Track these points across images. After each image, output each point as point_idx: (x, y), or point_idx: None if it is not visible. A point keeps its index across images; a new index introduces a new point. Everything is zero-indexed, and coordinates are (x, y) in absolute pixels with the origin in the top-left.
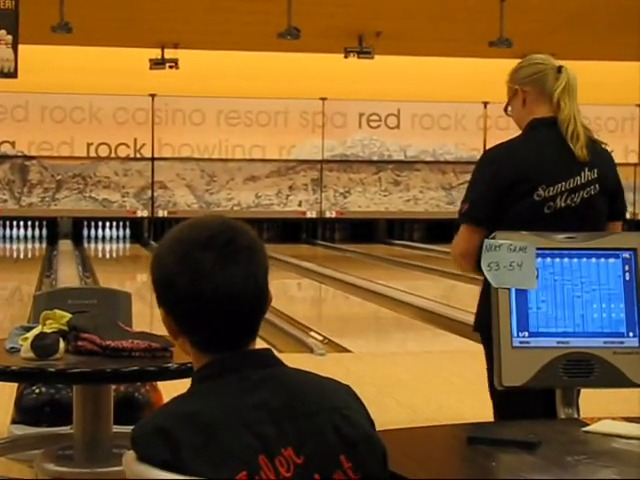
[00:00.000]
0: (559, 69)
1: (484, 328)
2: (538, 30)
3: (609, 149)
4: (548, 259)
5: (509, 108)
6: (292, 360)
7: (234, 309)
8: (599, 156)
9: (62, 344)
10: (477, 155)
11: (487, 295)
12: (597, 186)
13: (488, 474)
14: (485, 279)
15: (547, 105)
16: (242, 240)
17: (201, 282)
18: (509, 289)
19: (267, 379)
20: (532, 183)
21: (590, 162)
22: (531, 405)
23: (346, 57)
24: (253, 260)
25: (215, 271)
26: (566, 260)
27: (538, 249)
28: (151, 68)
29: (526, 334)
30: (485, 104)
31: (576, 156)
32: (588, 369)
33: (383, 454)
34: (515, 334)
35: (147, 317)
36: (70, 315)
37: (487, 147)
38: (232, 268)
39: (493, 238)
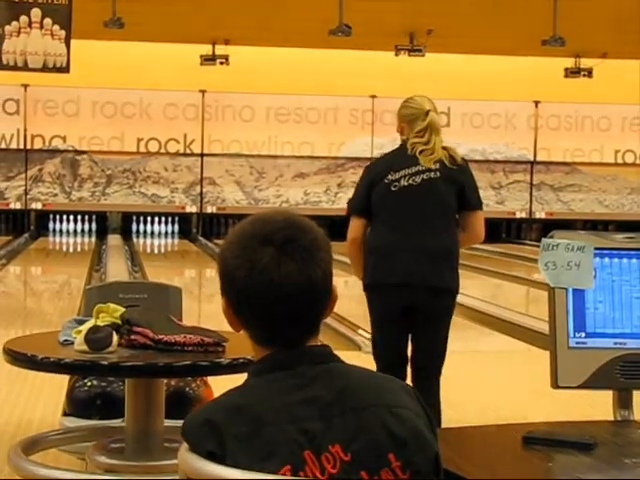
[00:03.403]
0: (427, 113)
1: (369, 288)
2: (591, 29)
3: None
4: (606, 259)
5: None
6: (340, 358)
7: (287, 306)
8: (452, 160)
9: (115, 337)
10: (527, 154)
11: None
12: (438, 173)
13: (545, 474)
14: (367, 247)
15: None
16: (302, 239)
17: (256, 277)
18: (566, 289)
19: (320, 375)
20: (384, 172)
21: (437, 160)
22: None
23: (397, 55)
24: (311, 260)
25: (270, 267)
26: (625, 260)
27: (596, 249)
28: (202, 64)
29: (583, 335)
30: (536, 103)
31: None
32: None
33: (436, 455)
34: (572, 334)
35: (195, 312)
36: (123, 309)
37: (538, 147)
38: (288, 266)
39: (551, 237)
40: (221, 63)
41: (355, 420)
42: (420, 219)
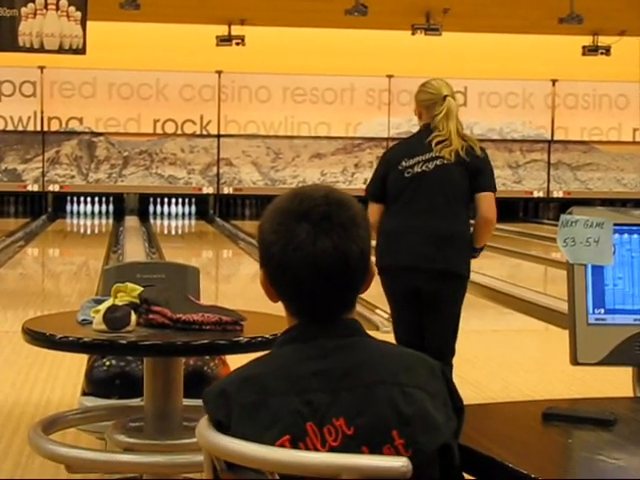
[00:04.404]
0: (444, 98)
1: (380, 270)
2: (609, 6)
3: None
4: (625, 235)
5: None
6: (368, 333)
7: (322, 282)
8: (470, 151)
9: (133, 317)
10: (545, 133)
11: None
12: (452, 159)
13: (565, 451)
14: (378, 231)
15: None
16: (339, 216)
17: (291, 253)
18: (585, 265)
19: (340, 348)
20: (399, 158)
21: (453, 151)
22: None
23: (413, 34)
24: (347, 237)
25: (306, 243)
26: None
27: (615, 225)
28: (218, 45)
29: (602, 311)
30: (554, 82)
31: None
32: None
33: (444, 443)
34: (591, 311)
35: (212, 293)
36: (141, 288)
37: (555, 126)
38: (323, 243)
39: (570, 213)
40: (237, 44)
41: (363, 395)
42: (431, 204)
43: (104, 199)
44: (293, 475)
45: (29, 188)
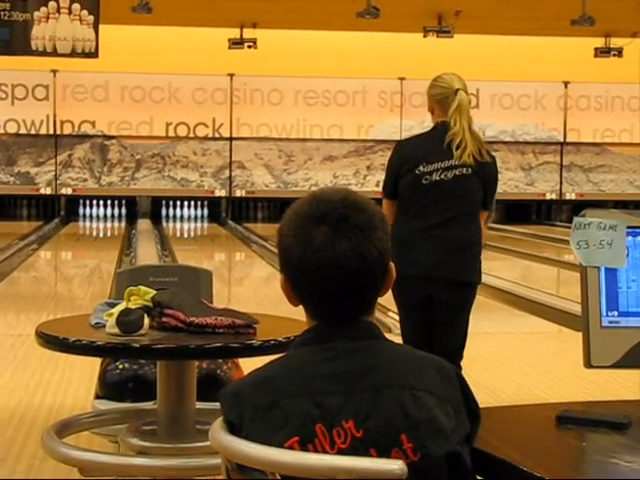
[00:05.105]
0: (456, 91)
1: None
2: (620, 8)
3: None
4: (639, 238)
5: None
6: (385, 336)
7: (340, 284)
8: (482, 154)
9: (146, 320)
10: (557, 135)
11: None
12: (470, 170)
13: (579, 454)
14: (393, 235)
15: (446, 114)
16: (356, 218)
17: (310, 256)
18: (598, 268)
19: (354, 351)
20: (415, 162)
21: (470, 154)
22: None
23: (425, 36)
24: (364, 239)
25: (325, 246)
26: None
27: (628, 227)
28: (230, 48)
29: (615, 314)
30: (566, 84)
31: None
32: None
33: (451, 450)
34: (604, 314)
35: (225, 296)
36: (154, 291)
37: (568, 127)
38: (342, 245)
39: (583, 216)
40: (249, 47)
41: (373, 398)
42: (447, 213)
43: (117, 202)
44: (293, 477)
45: (42, 191)
